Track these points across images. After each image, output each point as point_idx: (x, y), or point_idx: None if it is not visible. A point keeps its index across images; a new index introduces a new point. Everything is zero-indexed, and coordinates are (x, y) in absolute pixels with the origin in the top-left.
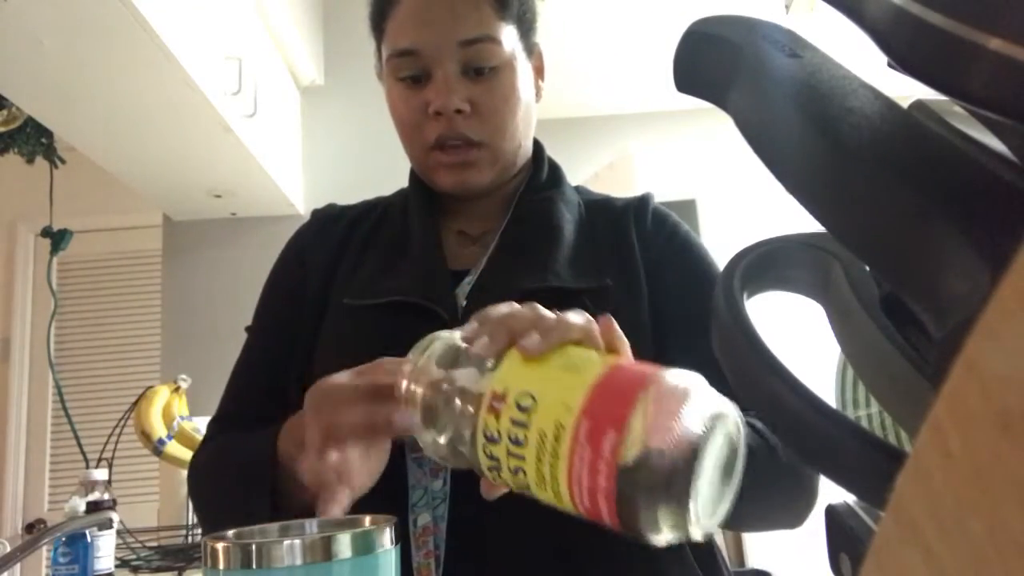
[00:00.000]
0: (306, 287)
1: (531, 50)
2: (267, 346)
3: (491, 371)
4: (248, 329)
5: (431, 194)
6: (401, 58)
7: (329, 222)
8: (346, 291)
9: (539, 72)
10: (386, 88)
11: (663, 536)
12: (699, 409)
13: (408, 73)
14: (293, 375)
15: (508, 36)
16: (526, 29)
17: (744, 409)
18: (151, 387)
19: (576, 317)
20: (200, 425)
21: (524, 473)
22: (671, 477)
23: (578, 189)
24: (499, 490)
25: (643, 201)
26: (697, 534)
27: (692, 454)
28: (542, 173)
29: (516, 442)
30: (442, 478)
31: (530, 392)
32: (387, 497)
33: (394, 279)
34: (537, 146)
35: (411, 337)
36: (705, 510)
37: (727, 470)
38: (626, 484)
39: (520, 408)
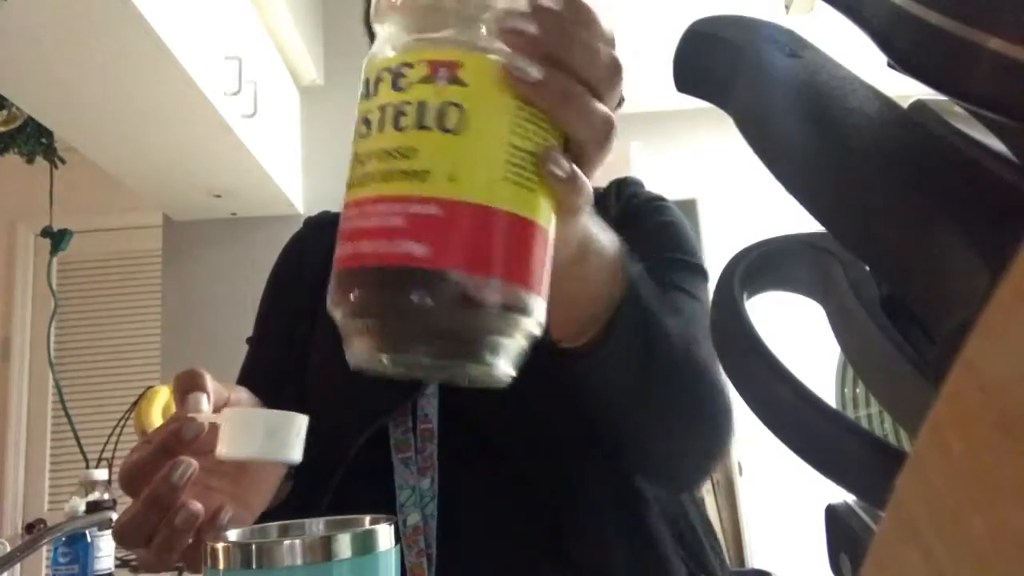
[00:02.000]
0: (303, 296)
1: None
2: (267, 357)
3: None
4: (249, 341)
5: None
6: None
7: (322, 229)
8: None
9: None
10: None
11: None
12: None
13: None
14: (291, 385)
15: None
16: None
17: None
18: (151, 387)
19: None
20: None
21: (364, 130)
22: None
23: None
24: None
25: (623, 182)
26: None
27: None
28: None
29: (398, 116)
30: (430, 476)
31: (464, 109)
32: (374, 498)
33: None
34: None
35: None
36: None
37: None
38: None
39: (444, 110)
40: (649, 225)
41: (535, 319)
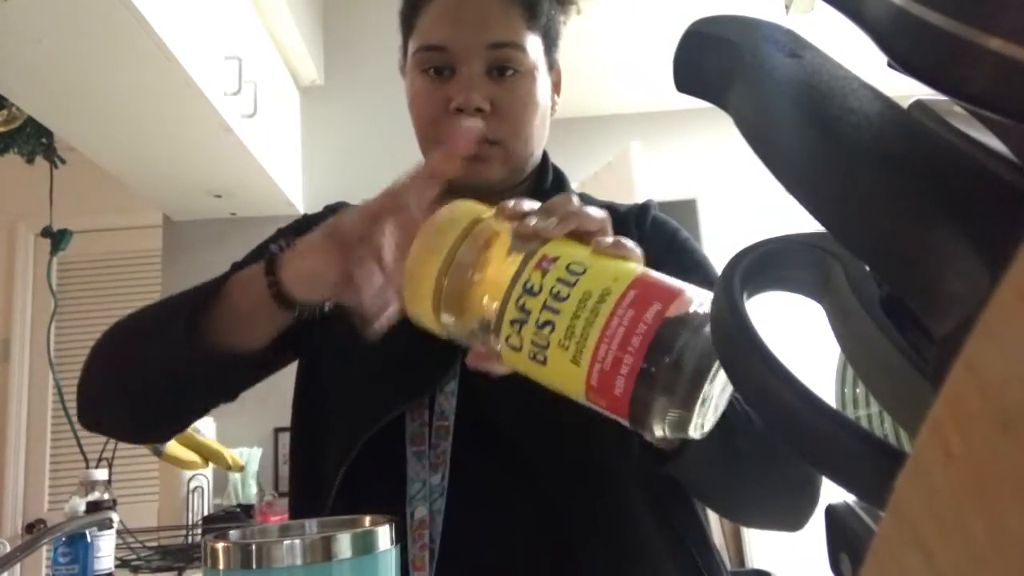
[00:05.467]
0: None
1: (552, 65)
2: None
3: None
4: (235, 266)
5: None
6: (429, 52)
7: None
8: None
9: (556, 87)
10: (407, 82)
11: (657, 425)
12: None
13: (433, 65)
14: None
15: (533, 46)
16: (550, 44)
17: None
18: None
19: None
20: (199, 425)
21: (552, 327)
22: (699, 360)
23: (582, 196)
24: (485, 360)
25: (644, 208)
26: (693, 432)
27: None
28: (546, 180)
29: (557, 296)
30: (440, 472)
31: (582, 263)
32: (386, 489)
33: None
34: (543, 155)
35: (400, 348)
36: (704, 412)
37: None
38: (657, 352)
39: (569, 270)
40: (687, 264)
41: None
